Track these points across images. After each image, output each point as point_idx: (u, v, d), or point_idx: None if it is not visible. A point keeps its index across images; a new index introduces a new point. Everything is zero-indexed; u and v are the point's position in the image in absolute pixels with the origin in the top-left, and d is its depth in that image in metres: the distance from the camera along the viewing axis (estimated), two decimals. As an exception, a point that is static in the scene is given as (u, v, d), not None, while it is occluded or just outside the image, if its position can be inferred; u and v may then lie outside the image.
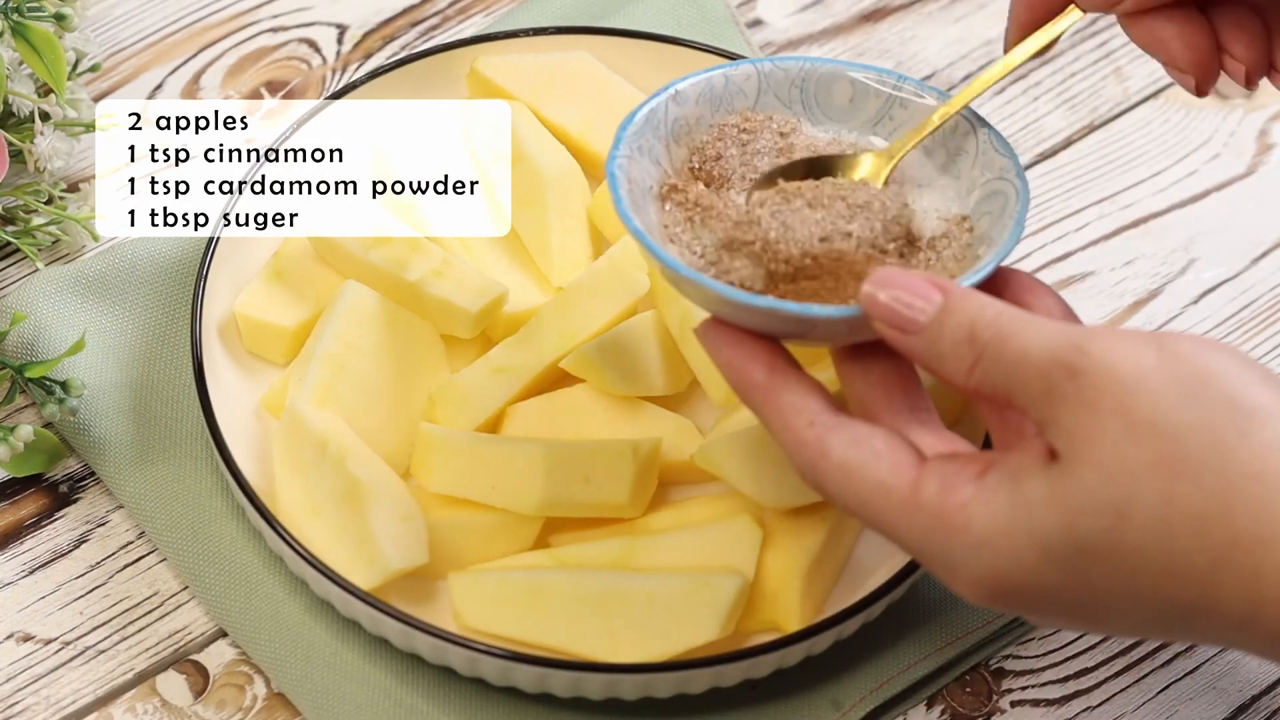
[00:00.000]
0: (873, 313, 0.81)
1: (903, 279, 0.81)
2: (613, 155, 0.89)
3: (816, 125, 0.94)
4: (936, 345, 0.80)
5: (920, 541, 0.80)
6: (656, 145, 0.92)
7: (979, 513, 0.78)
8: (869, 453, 0.81)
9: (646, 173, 0.91)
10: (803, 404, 0.83)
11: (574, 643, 0.94)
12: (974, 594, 0.79)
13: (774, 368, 0.84)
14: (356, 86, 1.09)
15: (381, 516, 0.95)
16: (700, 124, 0.93)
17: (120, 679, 0.98)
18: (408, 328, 1.02)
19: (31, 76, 1.11)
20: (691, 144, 0.93)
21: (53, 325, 1.05)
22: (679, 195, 0.91)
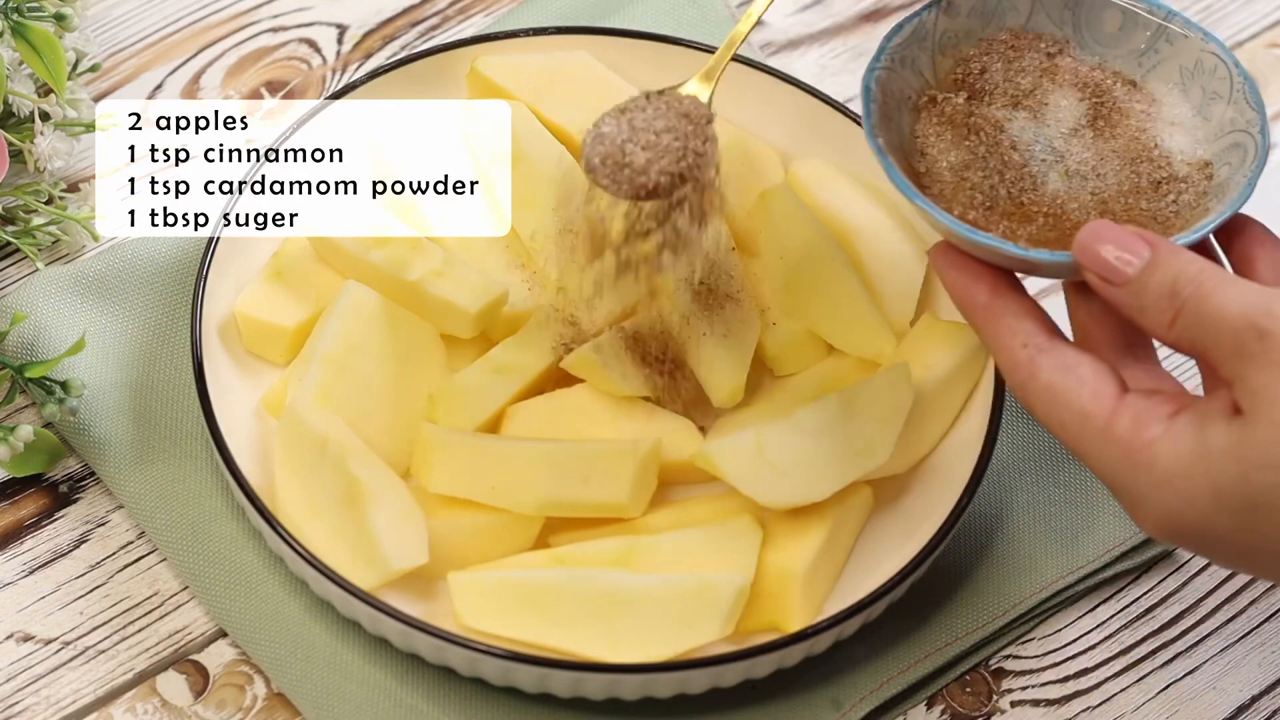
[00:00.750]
0: (1083, 262, 0.85)
1: (1115, 232, 0.85)
2: (871, 67, 0.92)
3: (1084, 49, 0.96)
4: (1140, 298, 0.84)
5: (1110, 471, 0.84)
6: (922, 56, 0.94)
7: (1163, 452, 0.82)
8: (1075, 379, 0.85)
9: (907, 83, 0.94)
10: (1019, 326, 0.87)
11: (574, 643, 0.94)
12: (1153, 528, 0.84)
13: (997, 290, 0.89)
14: (356, 86, 1.09)
15: (381, 516, 0.95)
16: (969, 37, 0.95)
17: (120, 679, 0.98)
18: (408, 328, 1.02)
19: (31, 76, 1.11)
20: (958, 55, 0.95)
21: (53, 325, 1.05)
22: (937, 108, 0.94)
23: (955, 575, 1.01)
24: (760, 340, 1.04)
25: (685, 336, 1.03)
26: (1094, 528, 1.03)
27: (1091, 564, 1.02)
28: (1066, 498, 1.04)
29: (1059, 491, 1.04)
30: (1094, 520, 1.03)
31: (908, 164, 0.92)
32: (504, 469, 0.97)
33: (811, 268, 1.04)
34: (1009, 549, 1.02)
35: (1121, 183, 0.92)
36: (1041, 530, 1.03)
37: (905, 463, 1.01)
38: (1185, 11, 1.22)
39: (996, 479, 1.04)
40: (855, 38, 1.22)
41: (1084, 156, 0.92)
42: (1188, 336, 0.83)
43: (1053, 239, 0.90)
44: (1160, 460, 0.82)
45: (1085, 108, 0.93)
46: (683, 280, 1.01)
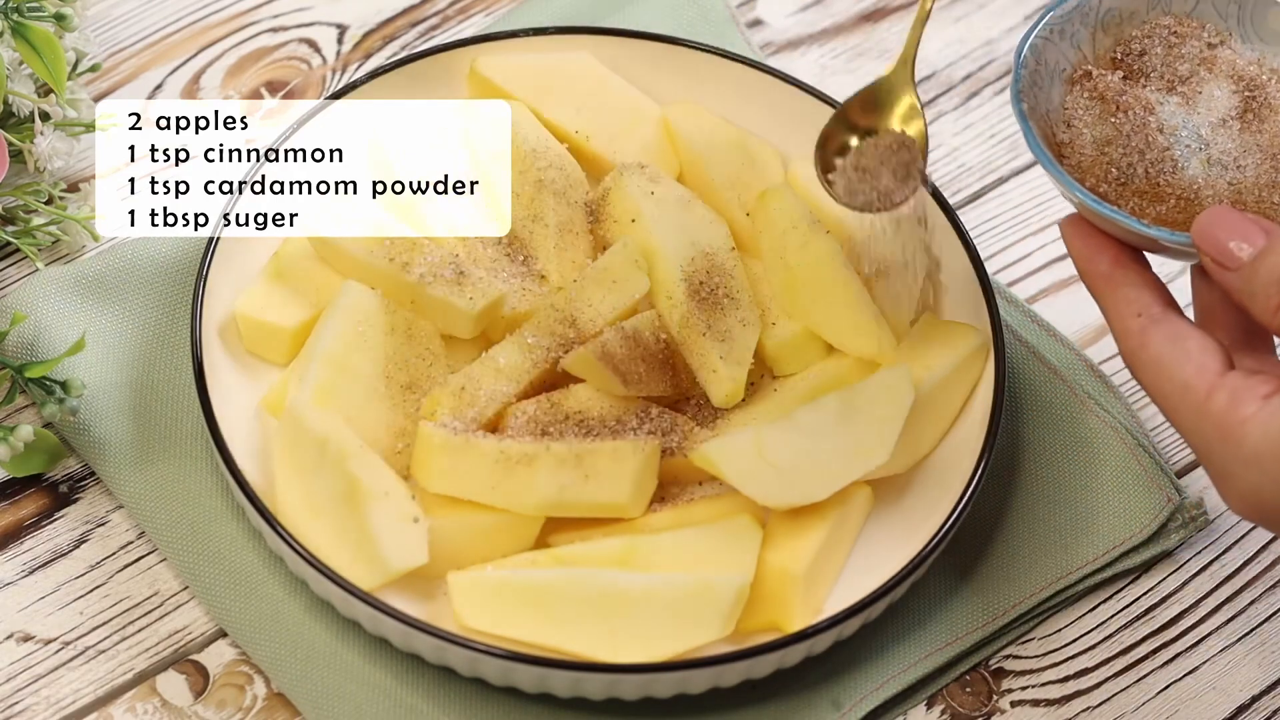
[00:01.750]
0: (1200, 244, 0.87)
1: (1233, 218, 0.87)
2: (1029, 33, 0.94)
3: (1245, 43, 0.97)
4: (1250, 283, 0.86)
5: (1203, 444, 0.86)
6: (1082, 31, 0.96)
7: (1255, 431, 0.84)
8: (1181, 352, 0.87)
9: (1063, 55, 0.95)
10: (1136, 296, 0.90)
11: (574, 643, 0.94)
12: (1239, 505, 0.86)
13: (1119, 261, 0.91)
14: (356, 86, 1.09)
15: (381, 516, 0.95)
16: (1133, 18, 0.97)
17: (120, 679, 0.98)
18: (408, 328, 1.02)
19: (31, 76, 1.11)
20: (1119, 35, 0.97)
21: (53, 325, 1.05)
22: (1090, 83, 0.95)
23: (955, 575, 1.01)
24: (760, 340, 1.04)
25: (685, 336, 1.03)
26: (1094, 528, 1.03)
27: (1091, 564, 1.02)
28: (1065, 498, 1.04)
29: (1058, 491, 1.04)
30: (1094, 520, 1.03)
31: (1049, 132, 0.94)
32: (504, 469, 0.97)
33: (811, 268, 1.04)
34: (1009, 549, 1.02)
35: (1259, 176, 0.93)
36: (1041, 530, 1.03)
37: (905, 463, 1.01)
38: (1185, 11, 1.22)
39: (996, 479, 1.04)
40: (855, 38, 1.22)
41: (1227, 147, 0.93)
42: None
43: (1180, 221, 0.92)
44: (1250, 438, 0.84)
45: (1237, 100, 0.95)
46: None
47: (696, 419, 1.03)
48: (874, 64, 1.21)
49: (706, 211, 1.07)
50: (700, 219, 1.06)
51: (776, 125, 1.11)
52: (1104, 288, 0.91)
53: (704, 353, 1.02)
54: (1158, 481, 1.04)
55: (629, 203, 1.06)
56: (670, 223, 1.05)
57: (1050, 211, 1.15)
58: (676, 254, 1.04)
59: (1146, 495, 1.03)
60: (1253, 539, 1.05)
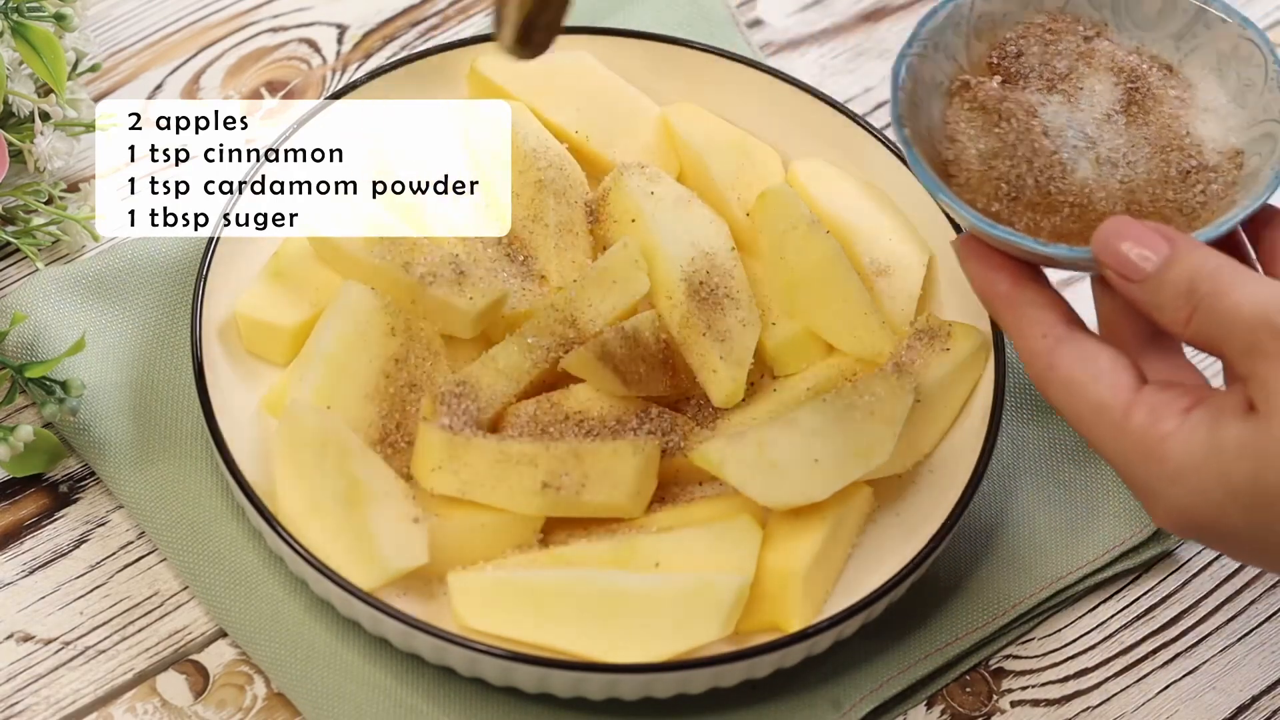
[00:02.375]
0: (1102, 258, 0.85)
1: (1134, 229, 0.85)
2: (903, 53, 0.92)
3: (1122, 32, 0.95)
4: (1157, 295, 0.84)
5: (1124, 463, 0.85)
6: (955, 40, 0.94)
7: (1177, 448, 0.83)
8: (1092, 371, 0.86)
9: (939, 69, 0.93)
10: (1040, 316, 0.88)
11: (574, 643, 0.94)
12: (1166, 522, 0.84)
13: (1018, 280, 0.89)
14: (356, 86, 1.09)
15: (381, 516, 0.95)
16: (1006, 20, 0.95)
17: (120, 679, 0.98)
18: (407, 328, 1.02)
19: (31, 76, 1.11)
20: (993, 39, 0.95)
21: (53, 325, 1.05)
22: (969, 93, 0.93)
23: (955, 575, 1.01)
24: (760, 340, 1.04)
25: (685, 336, 1.03)
26: (1094, 528, 1.03)
27: (1091, 564, 1.02)
28: (1066, 498, 1.04)
29: (1059, 491, 1.04)
30: (1094, 520, 1.03)
31: (934, 152, 0.91)
32: (504, 469, 0.97)
33: (811, 267, 1.04)
34: (1009, 549, 1.02)
35: (1151, 171, 0.91)
36: (1041, 530, 1.03)
37: (905, 463, 1.01)
38: (1185, 11, 1.22)
39: (996, 479, 1.04)
40: (855, 38, 1.22)
41: (1116, 143, 0.91)
42: (1204, 334, 0.83)
43: (1076, 231, 0.90)
44: (1173, 455, 0.83)
45: (1120, 92, 0.93)
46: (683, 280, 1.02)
47: (696, 419, 1.03)
48: (874, 64, 1.21)
49: (706, 211, 1.07)
50: (700, 219, 1.06)
51: (776, 125, 1.11)
52: (1005, 309, 0.89)
53: (704, 353, 1.02)
54: (1158, 481, 1.04)
55: (629, 203, 1.06)
56: (670, 223, 1.05)
57: (1050, 211, 1.15)
58: (676, 254, 1.04)
59: (1146, 495, 1.03)
60: (1253, 539, 1.05)
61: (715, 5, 1.20)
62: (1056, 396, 0.87)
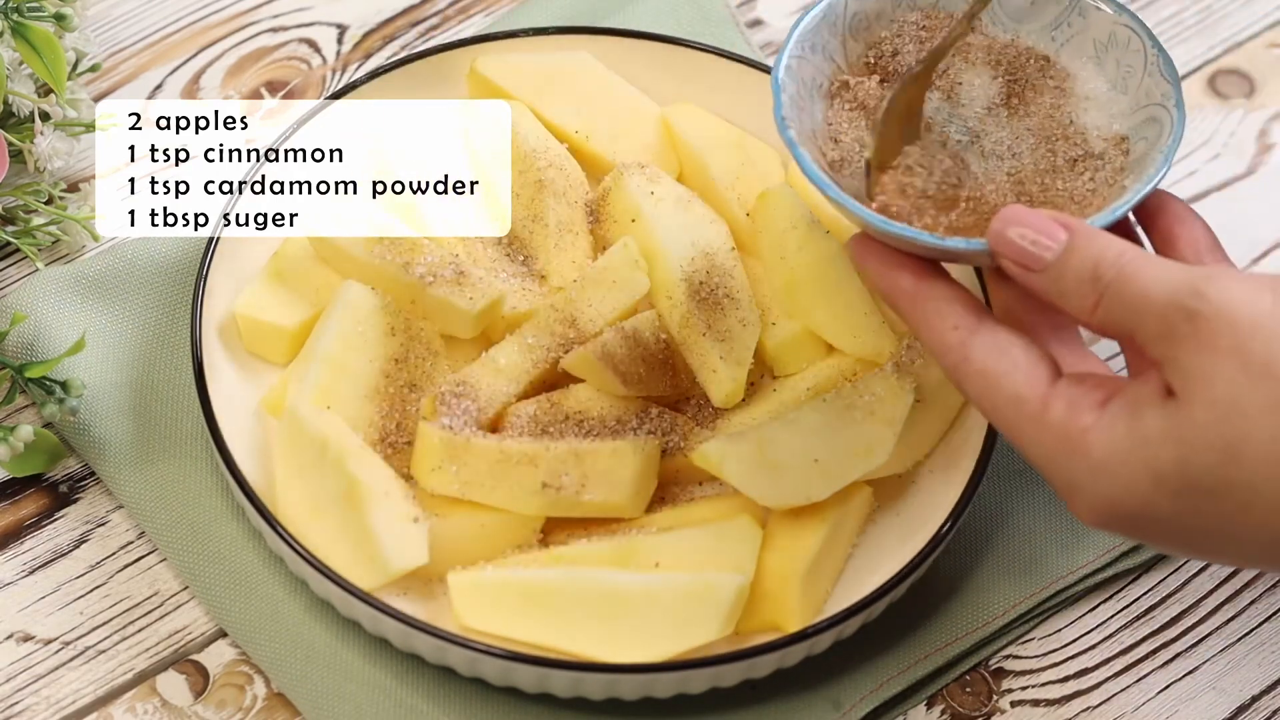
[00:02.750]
0: (999, 250, 0.84)
1: (1030, 218, 0.84)
2: (780, 57, 0.91)
3: (996, 24, 0.95)
4: (1060, 283, 0.83)
5: (1044, 457, 0.83)
6: (832, 41, 0.93)
7: (1098, 440, 0.81)
8: (1008, 363, 0.84)
9: (819, 70, 0.92)
10: (948, 309, 0.86)
11: (574, 643, 0.94)
12: (1090, 517, 0.82)
13: (921, 275, 0.87)
14: (356, 86, 1.09)
15: (381, 516, 0.95)
16: (880, 19, 0.94)
17: (120, 679, 0.98)
18: (407, 328, 1.02)
19: (31, 76, 1.11)
20: (869, 39, 0.94)
21: (53, 325, 1.05)
22: (849, 93, 0.92)
23: (955, 575, 1.01)
24: (760, 340, 1.04)
25: (685, 336, 1.03)
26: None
27: (1091, 564, 1.02)
28: (1066, 498, 1.04)
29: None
30: (1094, 520, 1.03)
31: (820, 153, 0.90)
32: (504, 469, 0.97)
33: (811, 267, 1.04)
34: (1009, 549, 1.02)
35: (1038, 162, 0.90)
36: (1041, 530, 1.03)
37: (905, 463, 1.01)
38: (1185, 11, 1.22)
39: (996, 479, 1.04)
40: (855, 38, 1.22)
41: (999, 136, 0.90)
42: (1112, 320, 0.82)
43: (971, 224, 0.88)
44: (1095, 447, 0.81)
45: (999, 85, 0.92)
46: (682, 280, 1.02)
47: (696, 419, 1.03)
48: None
49: (706, 211, 1.07)
50: (700, 219, 1.06)
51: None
52: (910, 305, 0.87)
53: (704, 353, 1.02)
54: (1157, 481, 1.03)
55: (629, 203, 1.06)
56: (670, 223, 1.05)
57: (1050, 211, 1.15)
58: (676, 254, 1.04)
59: (1146, 495, 1.03)
60: (1253, 539, 1.05)
61: (715, 5, 1.20)
62: (972, 389, 0.85)
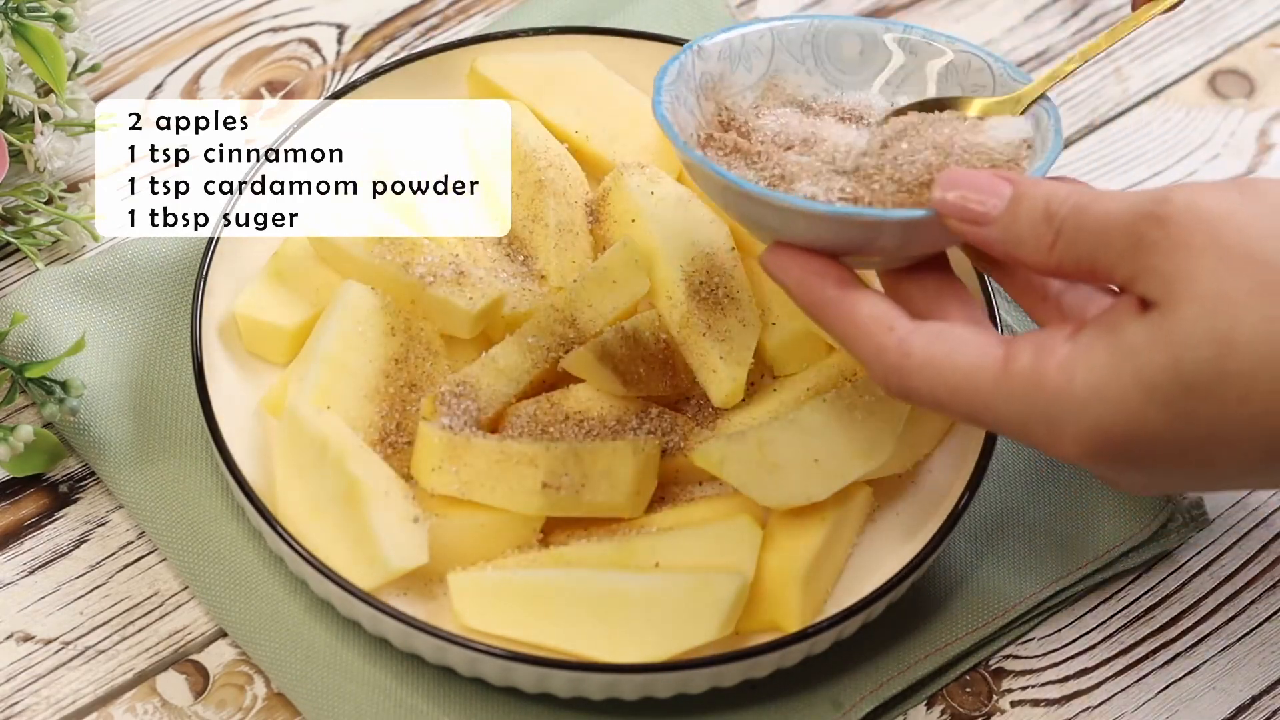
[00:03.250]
0: (946, 211, 0.83)
1: (970, 176, 0.83)
2: (657, 101, 0.92)
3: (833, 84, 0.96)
4: (1013, 229, 0.82)
5: (1019, 413, 0.81)
6: (689, 97, 0.94)
7: (1079, 366, 0.80)
8: (954, 341, 0.83)
9: (686, 121, 0.93)
10: (881, 312, 0.85)
11: (574, 643, 0.94)
12: (1080, 451, 0.81)
13: (845, 282, 0.86)
14: (356, 86, 1.09)
15: (381, 516, 0.95)
16: (723, 80, 0.95)
17: (120, 679, 0.98)
18: (408, 328, 1.02)
19: (31, 76, 1.11)
20: (718, 100, 0.95)
21: (53, 325, 1.05)
22: (716, 143, 0.93)
23: (955, 575, 1.01)
24: (760, 340, 1.04)
25: (685, 336, 1.03)
26: (1094, 528, 1.03)
27: (1091, 564, 1.02)
28: (1066, 498, 1.04)
29: (1059, 492, 1.04)
30: (1094, 520, 1.03)
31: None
32: (504, 469, 0.97)
33: (811, 268, 1.04)
34: (1009, 549, 1.02)
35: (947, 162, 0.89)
36: (1041, 530, 1.03)
37: (905, 463, 1.01)
38: (1184, 11, 1.22)
39: (997, 479, 1.04)
40: (855, 38, 1.22)
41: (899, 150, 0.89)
42: (1073, 254, 0.81)
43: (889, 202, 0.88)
44: (1078, 376, 0.80)
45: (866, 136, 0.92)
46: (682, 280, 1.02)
47: (696, 419, 1.03)
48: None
49: (706, 211, 1.07)
50: (700, 219, 1.06)
51: (776, 125, 1.11)
52: (837, 312, 0.86)
53: (704, 353, 1.02)
54: (1158, 481, 1.03)
55: (629, 203, 1.06)
56: (670, 223, 1.05)
57: (1050, 211, 1.15)
58: (676, 254, 1.04)
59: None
60: (1253, 539, 1.05)
61: (715, 5, 1.20)
62: (921, 383, 0.83)
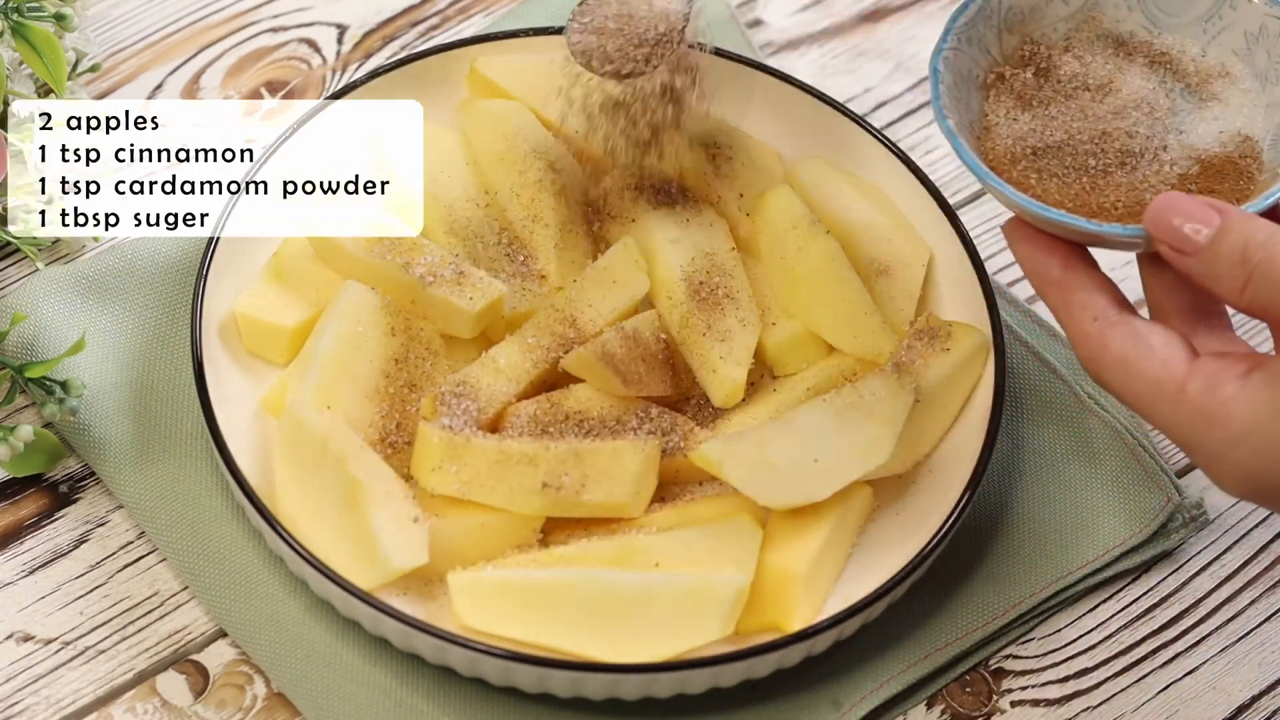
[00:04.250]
0: (1155, 234, 0.86)
1: (1186, 203, 0.86)
2: (938, 48, 0.93)
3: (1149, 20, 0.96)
4: (1212, 265, 0.85)
5: (1185, 433, 0.85)
6: (988, 34, 0.95)
7: (1239, 409, 0.83)
8: (1145, 348, 0.86)
9: (974, 61, 0.94)
10: (1090, 300, 0.88)
11: (574, 643, 0.94)
12: (1234, 487, 0.84)
13: (1069, 265, 0.89)
14: (356, 86, 1.09)
15: (381, 516, 0.95)
16: (1034, 13, 0.96)
17: (120, 679, 0.98)
18: (408, 328, 1.02)
19: (31, 76, 1.11)
20: (1024, 33, 0.96)
21: (53, 325, 1.05)
22: (1005, 84, 0.94)
23: (955, 575, 1.01)
24: (760, 340, 1.04)
25: (685, 336, 1.03)
26: (1094, 528, 1.03)
27: (1091, 564, 1.02)
28: (1066, 498, 1.04)
29: (1059, 491, 1.04)
30: (1094, 520, 1.03)
31: (975, 142, 0.92)
32: (504, 469, 0.97)
33: (811, 267, 1.04)
34: (1009, 549, 1.02)
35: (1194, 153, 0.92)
36: (1041, 530, 1.03)
37: (905, 463, 1.01)
38: (1185, 11, 1.22)
39: (996, 479, 1.04)
40: (855, 38, 1.22)
41: (1153, 130, 0.92)
42: (1260, 300, 0.84)
43: (1123, 214, 0.90)
44: (1236, 417, 0.83)
45: (1154, 82, 0.94)
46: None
47: (696, 419, 1.03)
48: (874, 64, 1.21)
49: (707, 212, 1.07)
50: (700, 219, 1.06)
51: (776, 125, 1.11)
52: (1056, 294, 0.90)
53: (704, 353, 1.02)
54: (1158, 482, 1.04)
55: (629, 203, 1.06)
56: (670, 223, 1.05)
57: (1050, 211, 1.15)
58: (676, 254, 1.04)
59: (1146, 495, 1.03)
60: (1253, 539, 1.05)
61: (715, 5, 1.20)
62: (1110, 377, 0.87)
